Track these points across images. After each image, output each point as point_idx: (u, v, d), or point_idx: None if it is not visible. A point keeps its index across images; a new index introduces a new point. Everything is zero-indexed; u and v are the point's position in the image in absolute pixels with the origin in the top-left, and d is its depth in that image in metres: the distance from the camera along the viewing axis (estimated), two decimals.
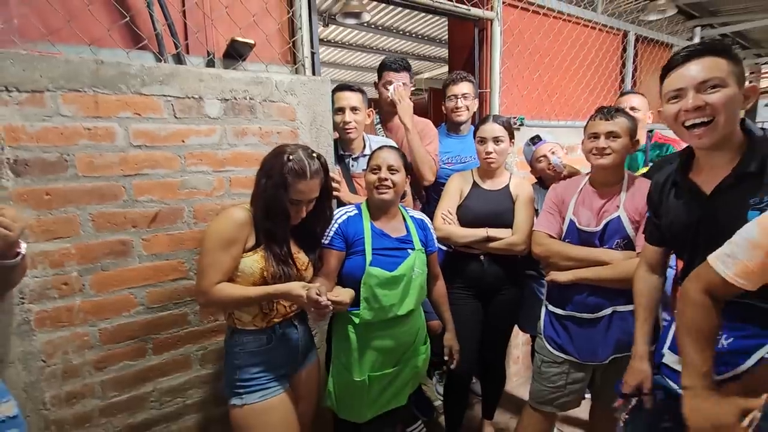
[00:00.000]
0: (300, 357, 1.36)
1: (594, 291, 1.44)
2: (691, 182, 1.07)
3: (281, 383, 1.29)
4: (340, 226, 1.45)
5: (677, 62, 1.02)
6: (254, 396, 1.23)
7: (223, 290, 1.17)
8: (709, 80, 0.96)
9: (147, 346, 1.39)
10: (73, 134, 1.21)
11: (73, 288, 1.25)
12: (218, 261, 1.18)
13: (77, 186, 1.23)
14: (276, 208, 1.20)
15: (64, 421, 1.27)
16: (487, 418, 2.13)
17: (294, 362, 1.35)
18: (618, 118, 1.41)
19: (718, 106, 0.95)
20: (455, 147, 2.14)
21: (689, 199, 1.07)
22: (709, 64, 0.97)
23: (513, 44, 2.40)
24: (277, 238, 1.24)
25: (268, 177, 1.20)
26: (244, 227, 1.20)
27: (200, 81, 1.37)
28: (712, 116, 0.96)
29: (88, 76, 1.21)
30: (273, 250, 1.23)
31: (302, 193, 1.21)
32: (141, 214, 1.33)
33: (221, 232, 1.18)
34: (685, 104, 0.99)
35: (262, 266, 1.21)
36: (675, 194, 1.12)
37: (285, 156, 1.19)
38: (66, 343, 1.26)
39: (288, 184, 1.18)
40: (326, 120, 1.65)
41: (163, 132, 1.33)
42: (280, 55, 1.65)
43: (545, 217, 1.57)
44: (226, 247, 1.18)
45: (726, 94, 0.95)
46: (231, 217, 1.20)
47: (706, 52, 0.98)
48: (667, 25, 3.45)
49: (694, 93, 0.98)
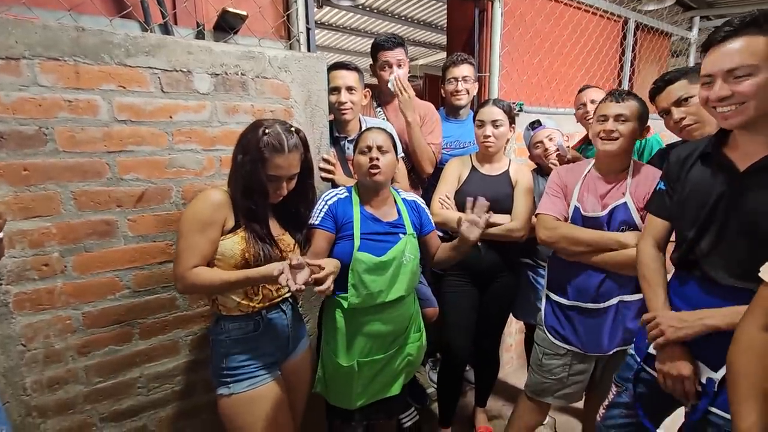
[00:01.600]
0: (290, 344, 1.32)
1: (598, 280, 1.40)
2: (724, 156, 1.02)
3: (270, 371, 1.25)
4: (330, 207, 1.40)
5: (714, 41, 0.96)
6: (242, 385, 1.19)
7: (200, 274, 1.13)
8: (737, 68, 0.91)
9: (133, 330, 1.34)
10: (52, 106, 1.13)
11: (54, 269, 1.19)
12: (194, 244, 1.13)
13: (57, 162, 1.16)
14: (254, 185, 1.15)
15: (46, 407, 1.22)
16: (480, 405, 2.13)
17: (283, 349, 1.30)
18: (629, 101, 1.36)
19: (748, 94, 0.91)
20: (454, 132, 2.09)
21: (717, 172, 1.03)
22: (742, 47, 0.91)
23: (514, 27, 2.34)
24: (258, 216, 1.19)
25: (245, 152, 1.15)
26: (221, 209, 1.16)
27: (189, 53, 1.30)
28: (742, 102, 0.92)
29: (68, 44, 1.13)
30: (253, 230, 1.18)
31: (280, 168, 1.16)
32: (126, 192, 1.27)
33: (197, 214, 1.14)
34: (712, 93, 0.96)
35: (243, 248, 1.17)
36: (701, 167, 1.07)
37: (261, 130, 1.14)
38: (47, 327, 1.20)
39: (265, 159, 1.13)
40: (322, 99, 1.59)
41: (150, 107, 1.26)
42: (273, 30, 1.57)
43: (549, 200, 1.51)
44: (202, 229, 1.13)
45: (756, 83, 0.90)
46: (207, 198, 1.16)
47: (745, 28, 0.91)
48: (667, 14, 3.41)
49: (722, 82, 0.94)
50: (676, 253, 1.13)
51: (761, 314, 0.80)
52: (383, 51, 1.89)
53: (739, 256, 0.97)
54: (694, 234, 1.05)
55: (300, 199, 1.31)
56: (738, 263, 0.97)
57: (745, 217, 0.95)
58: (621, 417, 1.26)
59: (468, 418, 2.16)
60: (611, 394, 1.29)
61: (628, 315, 1.40)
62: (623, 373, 1.26)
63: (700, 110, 1.33)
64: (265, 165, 1.14)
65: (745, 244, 0.95)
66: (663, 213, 1.17)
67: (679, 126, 1.39)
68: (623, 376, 1.26)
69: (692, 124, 1.36)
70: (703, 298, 1.05)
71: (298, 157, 1.20)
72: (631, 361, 1.24)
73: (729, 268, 0.99)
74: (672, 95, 1.38)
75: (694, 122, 1.36)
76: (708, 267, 1.03)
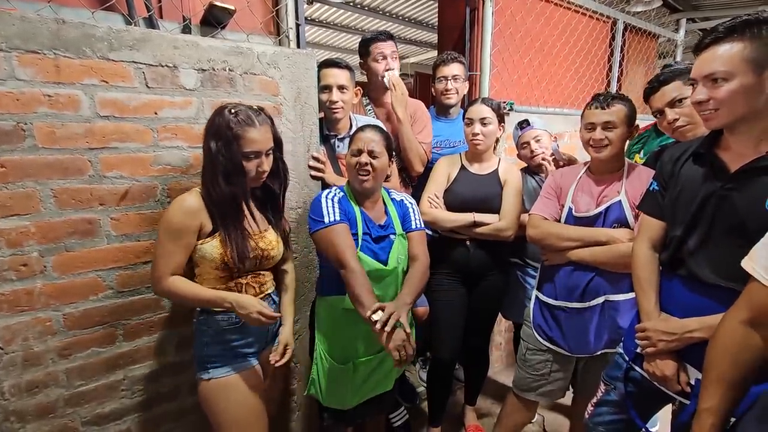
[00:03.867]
0: (269, 335, 1.33)
1: (587, 278, 1.41)
2: (716, 157, 1.04)
3: (249, 359, 1.27)
4: (339, 203, 1.37)
5: (701, 46, 0.99)
6: (221, 370, 1.21)
7: (176, 285, 1.15)
8: (713, 74, 0.95)
9: (117, 332, 1.30)
10: (31, 101, 1.09)
11: (34, 270, 1.16)
12: (168, 252, 1.14)
13: (37, 158, 1.12)
14: (232, 168, 1.14)
15: (26, 411, 1.19)
16: (470, 403, 2.13)
17: (263, 340, 1.31)
18: (615, 105, 1.36)
19: (721, 100, 0.94)
20: (444, 131, 2.08)
21: (709, 172, 1.05)
22: (720, 54, 0.94)
23: (504, 26, 2.35)
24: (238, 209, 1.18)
25: (217, 138, 1.13)
26: (194, 214, 1.15)
27: (175, 48, 1.26)
28: (716, 108, 0.96)
29: (48, 37, 1.09)
30: (229, 233, 1.17)
31: (256, 142, 1.15)
32: (109, 191, 1.23)
33: (169, 221, 1.14)
34: (692, 97, 1.02)
35: (221, 251, 1.16)
36: (693, 166, 1.09)
37: (227, 111, 1.14)
38: (26, 329, 1.16)
39: (239, 137, 1.13)
40: (311, 96, 1.56)
41: (134, 102, 1.23)
42: (262, 25, 1.54)
43: (542, 202, 1.53)
44: (174, 238, 1.13)
45: (729, 89, 0.93)
46: (179, 205, 1.14)
47: (728, 35, 0.94)
48: (654, 15, 3.45)
49: (701, 87, 0.98)
50: (664, 253, 1.14)
51: (744, 308, 0.82)
52: (378, 42, 1.87)
53: (725, 256, 0.98)
54: (682, 233, 1.06)
55: (274, 177, 1.29)
56: (724, 263, 0.98)
57: (733, 218, 0.96)
58: (609, 414, 1.27)
59: (458, 417, 2.17)
60: (600, 392, 1.31)
61: (615, 315, 1.41)
62: (612, 372, 1.28)
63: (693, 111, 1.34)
64: (240, 143, 1.13)
65: (732, 244, 0.96)
66: (656, 212, 1.18)
67: (672, 127, 1.40)
68: (612, 375, 1.27)
69: (685, 125, 1.37)
70: (689, 296, 1.06)
71: (269, 129, 1.20)
72: (620, 360, 1.25)
73: (715, 267, 1.00)
74: (666, 96, 1.39)
75: (687, 123, 1.37)
76: (694, 266, 1.04)
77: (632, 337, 1.18)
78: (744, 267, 0.81)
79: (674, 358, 1.08)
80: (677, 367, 1.07)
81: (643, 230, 1.21)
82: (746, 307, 0.82)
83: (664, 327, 1.08)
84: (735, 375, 0.83)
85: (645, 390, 1.17)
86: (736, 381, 0.83)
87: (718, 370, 0.85)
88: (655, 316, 1.12)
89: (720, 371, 0.85)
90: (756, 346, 0.81)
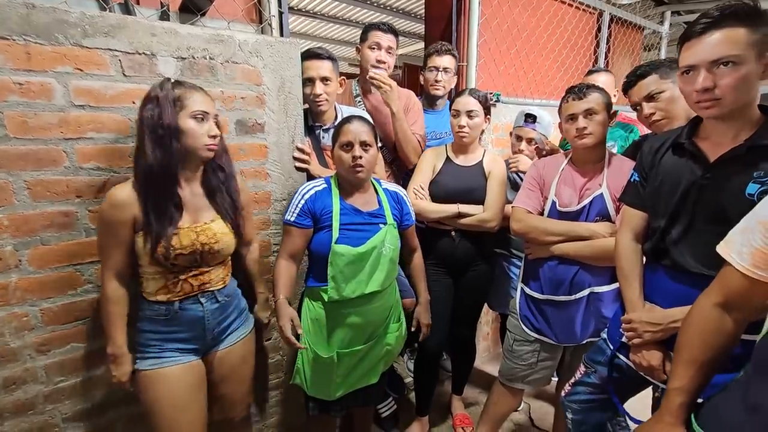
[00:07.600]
0: (209, 336, 1.24)
1: (572, 272, 1.43)
2: (695, 146, 1.04)
3: (183, 356, 1.20)
4: (307, 203, 1.37)
5: (694, 33, 0.96)
6: (146, 363, 1.17)
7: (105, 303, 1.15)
8: (721, 59, 0.92)
9: (97, 326, 1.28)
10: (0, 89, 1.05)
11: (8, 264, 1.12)
12: (105, 245, 1.13)
13: (8, 149, 1.08)
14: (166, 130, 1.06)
15: (3, 408, 1.16)
16: (457, 393, 2.15)
17: (201, 339, 1.23)
18: (591, 94, 1.37)
19: (728, 88, 0.92)
20: (431, 122, 2.07)
21: (689, 162, 1.05)
22: (725, 37, 0.91)
23: (491, 16, 2.33)
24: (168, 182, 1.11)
25: (154, 103, 1.07)
26: (124, 207, 1.09)
27: (152, 35, 1.23)
28: (722, 96, 0.93)
29: (17, 22, 1.05)
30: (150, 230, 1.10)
31: (203, 102, 1.12)
32: (86, 183, 1.20)
33: (100, 216, 1.11)
34: (696, 84, 0.96)
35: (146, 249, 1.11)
36: (673, 156, 1.09)
37: (162, 83, 1.10)
38: (1, 325, 1.13)
39: (184, 99, 1.09)
40: (295, 86, 1.54)
41: (110, 91, 1.19)
42: (244, 12, 1.51)
43: (525, 194, 1.53)
44: (107, 232, 1.11)
45: (738, 75, 0.91)
46: (109, 197, 1.09)
47: (727, 20, 0.91)
48: (640, 8, 3.47)
49: (706, 73, 0.94)
50: (648, 243, 1.15)
51: (717, 292, 0.84)
52: (377, 31, 1.84)
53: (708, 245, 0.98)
54: (665, 223, 1.07)
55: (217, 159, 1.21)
56: (707, 251, 0.98)
57: (714, 207, 0.98)
58: (585, 394, 1.30)
59: (445, 406, 2.19)
60: (579, 373, 1.33)
61: (600, 305, 1.43)
62: (594, 355, 1.30)
63: (669, 105, 1.35)
64: (186, 104, 1.10)
65: (714, 233, 0.96)
66: (638, 202, 1.19)
67: (649, 120, 1.42)
68: (593, 359, 1.29)
69: (661, 119, 1.39)
70: (673, 285, 1.08)
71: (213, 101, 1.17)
72: (603, 345, 1.27)
73: (698, 256, 1.02)
74: (643, 90, 1.40)
75: (662, 117, 1.38)
76: (678, 255, 1.05)
77: (617, 326, 1.20)
78: (718, 251, 0.82)
79: (660, 349, 1.09)
80: (663, 357, 1.08)
81: (625, 221, 1.22)
82: (719, 290, 0.84)
83: (649, 318, 1.10)
84: (706, 357, 0.85)
85: (629, 377, 1.19)
86: (706, 362, 0.85)
87: (690, 351, 0.87)
88: (639, 306, 1.14)
89: (691, 353, 0.87)
90: (727, 329, 0.83)
